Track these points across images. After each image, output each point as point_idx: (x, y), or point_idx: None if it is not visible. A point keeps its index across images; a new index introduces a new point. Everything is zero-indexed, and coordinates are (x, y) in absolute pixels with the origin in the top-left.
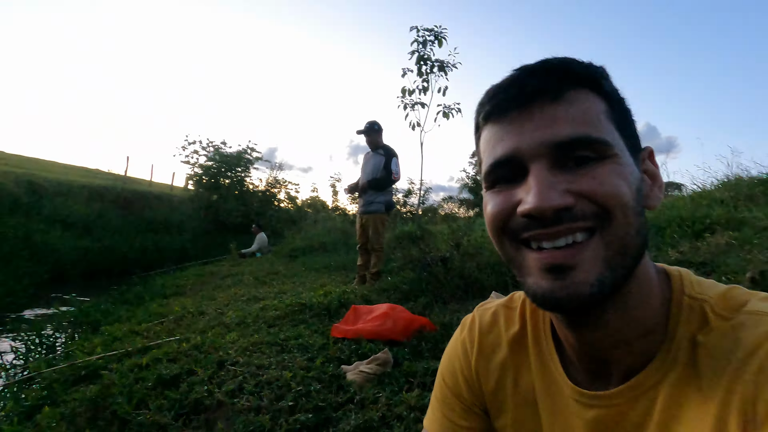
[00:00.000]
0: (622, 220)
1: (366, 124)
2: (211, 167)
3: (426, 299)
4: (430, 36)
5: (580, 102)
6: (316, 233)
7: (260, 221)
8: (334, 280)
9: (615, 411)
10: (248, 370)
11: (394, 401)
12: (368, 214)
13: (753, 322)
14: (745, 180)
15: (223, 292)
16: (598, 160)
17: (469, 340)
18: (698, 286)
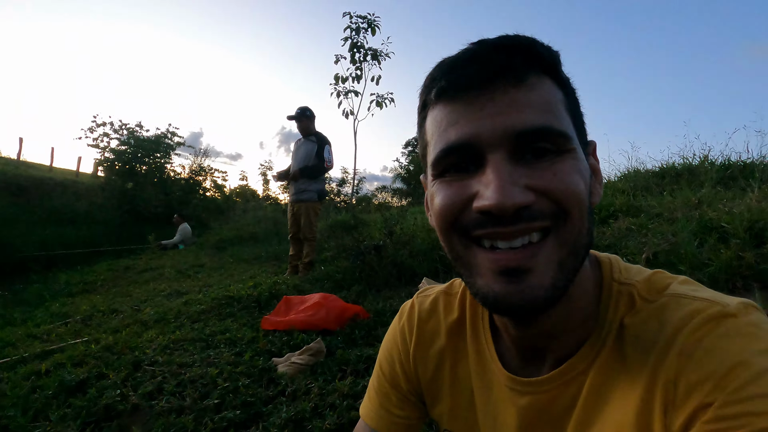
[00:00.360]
0: (577, 220)
1: (297, 110)
2: (125, 152)
3: (359, 287)
4: (363, 23)
5: (542, 88)
6: (246, 223)
7: (183, 211)
8: (265, 271)
9: (547, 396)
10: (168, 369)
11: (327, 390)
12: (300, 202)
13: (675, 304)
14: (641, 172)
15: (140, 287)
16: (556, 153)
17: (408, 328)
18: (626, 272)
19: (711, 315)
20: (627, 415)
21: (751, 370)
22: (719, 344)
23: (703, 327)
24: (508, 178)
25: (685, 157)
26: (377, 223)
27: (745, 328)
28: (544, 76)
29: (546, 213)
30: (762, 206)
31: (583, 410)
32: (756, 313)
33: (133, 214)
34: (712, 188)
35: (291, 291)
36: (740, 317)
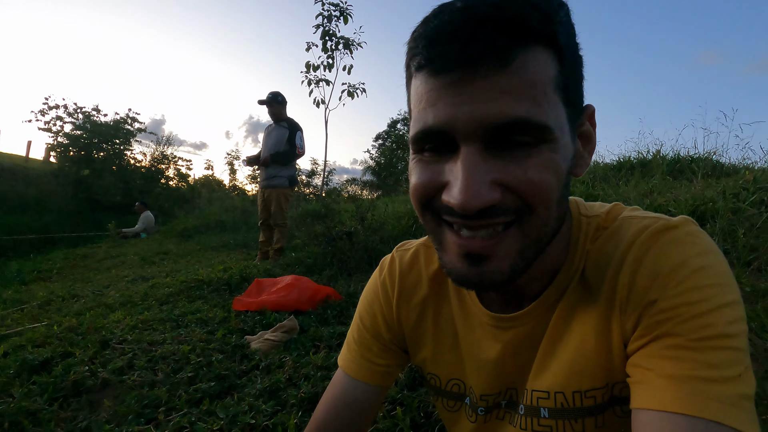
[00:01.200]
0: (543, 214)
1: (269, 95)
2: (81, 137)
3: (331, 272)
4: (335, 11)
5: (530, 69)
6: (212, 212)
7: (145, 199)
8: (234, 258)
9: (529, 327)
10: (139, 347)
11: (301, 363)
12: (271, 188)
13: (627, 225)
14: (600, 165)
15: (101, 274)
16: (534, 145)
17: (390, 280)
18: (591, 208)
19: (657, 228)
20: (590, 324)
21: (688, 268)
22: (664, 251)
23: (651, 238)
24: (476, 175)
25: (640, 152)
26: (349, 211)
27: (685, 237)
28: (536, 48)
29: (510, 209)
30: (704, 194)
31: (554, 329)
32: (693, 226)
33: (90, 202)
34: (663, 179)
35: (262, 275)
36: (681, 228)
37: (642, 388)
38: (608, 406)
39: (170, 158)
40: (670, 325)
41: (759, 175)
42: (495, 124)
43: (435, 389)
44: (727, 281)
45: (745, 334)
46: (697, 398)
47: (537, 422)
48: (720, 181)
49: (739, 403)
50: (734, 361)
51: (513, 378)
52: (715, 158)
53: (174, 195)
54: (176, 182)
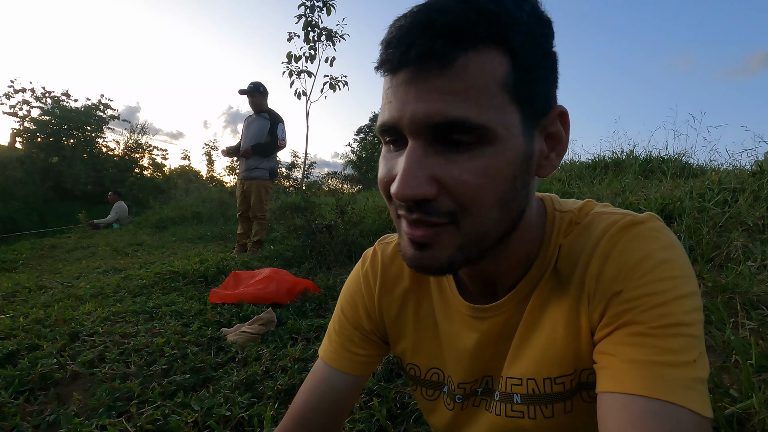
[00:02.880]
0: (478, 216)
1: (250, 85)
2: (50, 123)
3: (310, 265)
4: (318, 2)
5: (470, 71)
6: (189, 203)
7: (119, 188)
8: (211, 250)
9: (504, 317)
10: (110, 339)
11: (278, 356)
12: (251, 179)
13: (598, 220)
14: (576, 164)
15: (70, 265)
16: (474, 145)
17: (372, 273)
18: (564, 204)
19: (624, 223)
20: (561, 313)
21: (652, 261)
22: (630, 245)
23: (618, 233)
24: (413, 168)
25: (614, 152)
26: (329, 204)
27: (650, 232)
28: (481, 49)
29: (443, 211)
30: (672, 193)
31: (528, 319)
32: (658, 222)
33: (59, 191)
34: (635, 178)
35: (239, 267)
36: (646, 224)
37: (606, 373)
38: (576, 392)
39: (145, 147)
40: (633, 314)
41: (723, 176)
42: (433, 124)
43: (414, 379)
44: (687, 273)
45: (700, 322)
46: (656, 381)
47: (510, 408)
48: (688, 181)
49: (693, 386)
50: (690, 347)
51: (489, 366)
52: (684, 159)
53: (149, 185)
54: (151, 172)
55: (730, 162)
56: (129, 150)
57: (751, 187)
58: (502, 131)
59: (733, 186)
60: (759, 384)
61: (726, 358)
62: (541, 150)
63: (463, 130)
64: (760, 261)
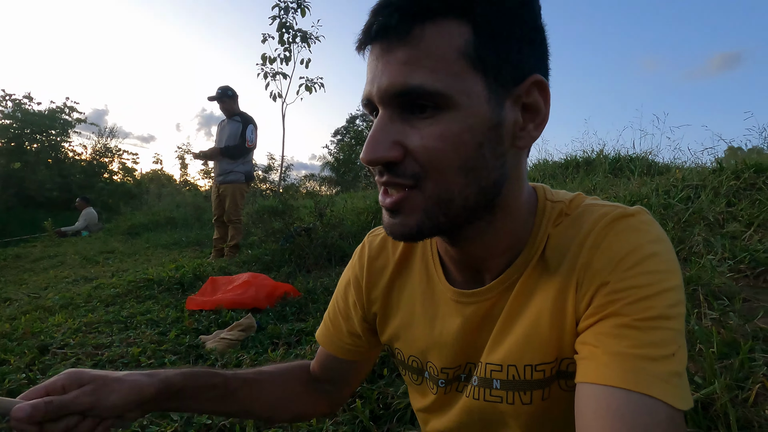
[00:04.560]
0: (440, 182)
1: (218, 90)
2: (11, 127)
3: (289, 269)
4: (292, 3)
5: (429, 40)
6: (162, 208)
7: (87, 195)
8: (187, 256)
9: (489, 303)
10: (83, 351)
11: (259, 361)
12: (226, 183)
13: (589, 211)
14: (549, 163)
15: (36, 275)
16: (435, 110)
17: (359, 267)
18: (556, 194)
19: (615, 215)
20: (546, 302)
21: (640, 254)
22: (619, 237)
23: (609, 225)
24: (378, 134)
25: (585, 151)
26: (307, 207)
27: (639, 224)
28: (439, 21)
29: (408, 173)
30: (639, 190)
31: (512, 306)
32: (647, 215)
33: (23, 198)
34: (605, 177)
35: (217, 273)
36: (636, 216)
37: (588, 363)
38: (554, 380)
39: (114, 151)
40: (618, 306)
41: (687, 174)
42: (393, 92)
43: (401, 363)
44: (673, 268)
45: (682, 316)
46: (636, 374)
47: (489, 392)
48: (654, 179)
49: (670, 380)
50: (670, 340)
51: (472, 352)
52: (650, 158)
53: (119, 190)
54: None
55: (692, 160)
56: (97, 154)
57: (712, 183)
58: (461, 98)
59: (696, 183)
60: (721, 370)
61: (690, 347)
62: (516, 120)
63: (423, 97)
64: (721, 254)
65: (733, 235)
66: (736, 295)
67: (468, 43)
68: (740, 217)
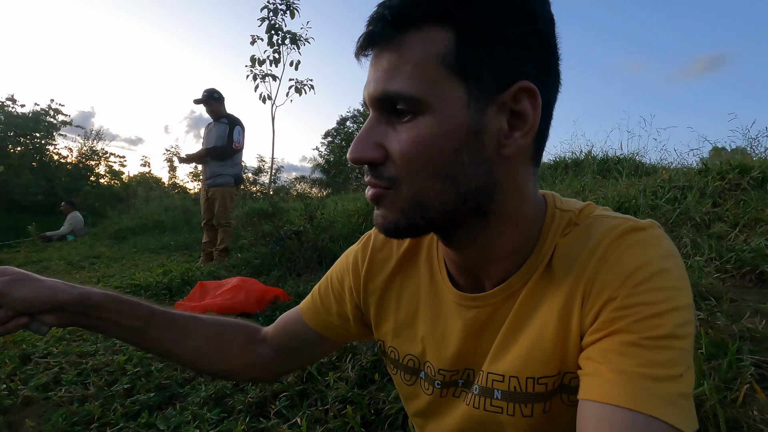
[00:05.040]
0: (414, 186)
1: (204, 93)
2: None
3: (279, 272)
4: (281, 5)
5: (410, 47)
6: (150, 212)
7: (73, 198)
8: (175, 261)
9: (491, 309)
10: (66, 360)
11: None
12: (216, 186)
13: (598, 223)
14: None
15: None
16: (413, 115)
17: (362, 255)
18: (566, 203)
19: (625, 228)
20: (551, 313)
21: (650, 269)
22: (629, 251)
23: (619, 238)
24: (363, 135)
25: (574, 152)
26: (297, 210)
27: (651, 239)
28: (422, 27)
29: (384, 176)
30: (627, 191)
31: (516, 315)
32: (659, 229)
33: (6, 202)
34: (593, 178)
35: (206, 277)
36: (648, 230)
37: (592, 380)
38: (556, 393)
39: (101, 154)
40: (626, 323)
41: (673, 174)
42: (376, 98)
43: (394, 362)
44: (683, 285)
45: (691, 336)
46: (641, 394)
47: (489, 402)
48: (641, 179)
49: (677, 401)
50: (678, 361)
51: (471, 359)
52: (637, 159)
53: (106, 194)
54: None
55: (678, 161)
56: (83, 157)
57: (698, 184)
58: (438, 103)
59: (682, 183)
60: (709, 371)
61: None
62: (501, 128)
63: (401, 103)
64: (707, 254)
65: (720, 235)
66: (723, 296)
67: (448, 49)
68: (726, 218)
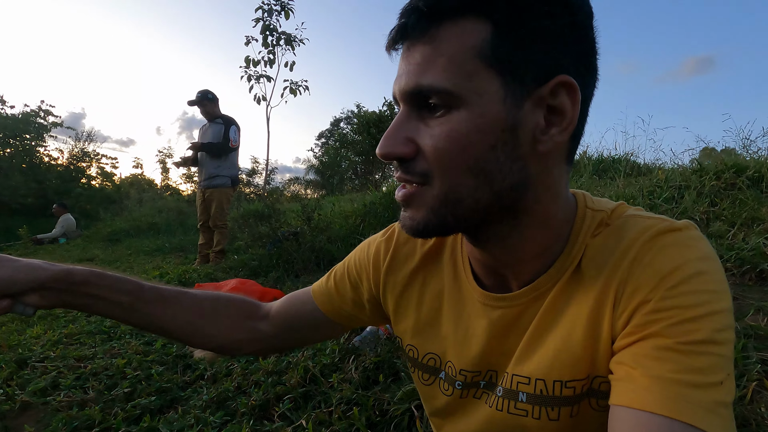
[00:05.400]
0: (447, 182)
1: (197, 94)
2: None
3: (277, 274)
4: (276, 5)
5: (444, 39)
6: (144, 213)
7: (64, 200)
8: (171, 263)
9: (517, 310)
10: (64, 364)
11: (250, 370)
12: (212, 188)
13: (631, 224)
14: None
15: None
16: (447, 109)
17: (385, 247)
18: (598, 203)
19: (660, 229)
20: (580, 316)
21: (686, 272)
22: (664, 252)
23: (653, 239)
24: (393, 130)
25: None
26: (295, 210)
27: (687, 240)
28: (457, 20)
29: (418, 171)
30: (625, 191)
31: (543, 317)
32: (696, 230)
33: None
34: (590, 178)
35: (203, 279)
36: (684, 231)
37: (625, 385)
38: (584, 397)
39: (92, 155)
40: (660, 326)
41: (669, 174)
42: (408, 91)
43: (413, 361)
44: (722, 288)
45: (731, 342)
46: (678, 401)
47: (514, 405)
48: (638, 179)
49: (716, 410)
50: (718, 367)
51: (495, 360)
52: (632, 159)
53: (98, 196)
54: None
55: (672, 161)
56: (74, 159)
57: (695, 184)
58: (472, 97)
59: (679, 183)
60: None
61: None
62: (538, 123)
63: (434, 96)
64: None
65: (718, 234)
66: None
67: (485, 41)
68: (723, 217)
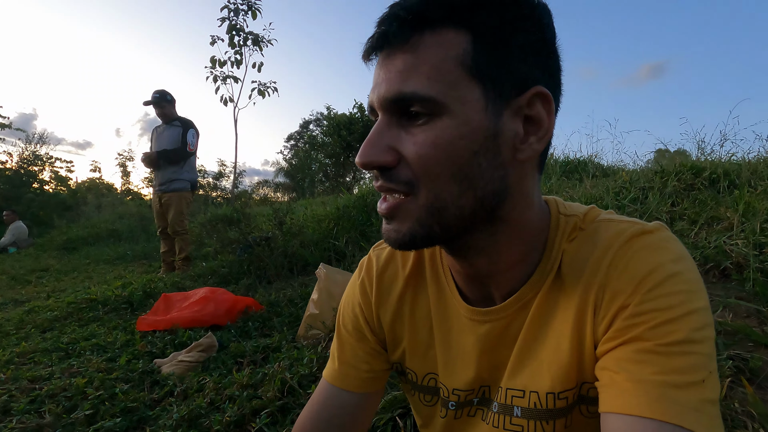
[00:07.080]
0: (432, 189)
1: (154, 94)
2: None
3: (249, 280)
4: (243, 5)
5: (427, 48)
6: (103, 220)
7: (14, 207)
8: (134, 272)
9: (504, 323)
10: (16, 386)
11: (224, 384)
12: (170, 192)
13: (605, 228)
14: None
15: None
16: (429, 118)
17: (368, 280)
18: (570, 207)
19: (633, 232)
20: (566, 325)
21: (662, 274)
22: (638, 256)
23: (627, 243)
24: (373, 138)
25: None
26: (264, 215)
27: (659, 242)
28: (438, 30)
29: (402, 179)
30: (593, 192)
31: (530, 327)
32: (667, 231)
33: None
34: (559, 179)
35: (170, 289)
36: (656, 233)
37: (611, 392)
38: (576, 405)
39: (45, 159)
40: (640, 330)
41: (633, 176)
42: (389, 99)
43: (413, 384)
44: (697, 287)
45: (711, 339)
46: (662, 403)
47: (509, 421)
48: (603, 180)
49: (702, 408)
50: (699, 366)
51: (487, 375)
52: (596, 160)
53: (51, 201)
54: (54, 186)
55: (635, 162)
56: (25, 162)
57: (657, 185)
58: (455, 105)
59: (643, 184)
60: None
61: None
62: (517, 132)
63: (417, 104)
64: None
65: (682, 233)
66: None
67: (466, 51)
68: (686, 216)
